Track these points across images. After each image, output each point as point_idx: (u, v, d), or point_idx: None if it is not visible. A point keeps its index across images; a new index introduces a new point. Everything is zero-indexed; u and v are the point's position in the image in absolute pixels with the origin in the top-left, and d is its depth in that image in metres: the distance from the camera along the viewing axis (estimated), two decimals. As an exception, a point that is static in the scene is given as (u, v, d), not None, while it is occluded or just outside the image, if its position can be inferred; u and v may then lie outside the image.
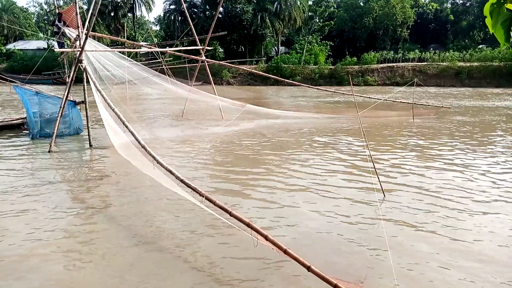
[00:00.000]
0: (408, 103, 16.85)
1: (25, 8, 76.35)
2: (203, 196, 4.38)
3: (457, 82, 41.75)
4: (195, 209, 5.61)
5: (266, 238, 3.67)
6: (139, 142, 6.24)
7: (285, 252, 3.51)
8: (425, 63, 46.67)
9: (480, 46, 56.59)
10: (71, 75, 10.70)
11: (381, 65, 46.64)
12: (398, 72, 44.85)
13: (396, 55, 51.41)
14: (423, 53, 50.76)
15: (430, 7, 65.78)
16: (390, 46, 59.38)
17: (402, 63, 47.18)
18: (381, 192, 6.44)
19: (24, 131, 12.61)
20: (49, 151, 9.84)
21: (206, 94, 15.13)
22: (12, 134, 12.27)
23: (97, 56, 11.43)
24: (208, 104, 15.89)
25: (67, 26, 12.04)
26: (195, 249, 4.73)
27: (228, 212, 4.10)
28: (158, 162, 5.59)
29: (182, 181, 4.90)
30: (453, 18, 63.96)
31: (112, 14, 56.53)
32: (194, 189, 4.64)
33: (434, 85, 41.69)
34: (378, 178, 6.42)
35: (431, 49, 56.62)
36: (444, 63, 44.78)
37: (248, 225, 3.84)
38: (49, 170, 8.45)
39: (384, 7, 56.80)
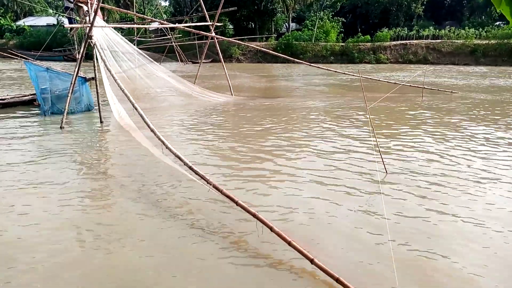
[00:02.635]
0: (417, 87, 16.53)
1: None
2: (210, 184, 4.45)
3: (472, 60, 40.66)
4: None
5: (271, 229, 3.74)
6: (149, 126, 6.30)
7: (289, 244, 3.58)
8: (439, 40, 45.45)
9: (497, 23, 54.85)
10: (81, 52, 10.73)
11: (394, 43, 45.42)
12: (411, 49, 43.74)
13: (410, 32, 50.06)
14: (438, 30, 49.37)
15: (446, -19, 63.64)
16: (404, 23, 57.77)
17: (416, 41, 45.84)
18: (385, 171, 6.41)
19: (36, 107, 12.77)
20: (60, 127, 10.02)
21: (216, 94, 15.36)
22: (24, 111, 12.46)
23: (108, 42, 11.47)
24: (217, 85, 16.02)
25: (77, 1, 11.97)
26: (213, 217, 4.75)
27: (235, 202, 4.16)
28: (167, 147, 5.66)
29: (190, 168, 4.97)
30: (469, -6, 62.02)
31: (121, -11, 55.78)
32: (202, 177, 4.71)
33: (448, 63, 40.80)
34: (385, 167, 6.38)
35: (447, 26, 55.04)
36: (459, 41, 43.48)
37: (254, 215, 3.91)
38: (61, 145, 8.59)
39: (398, -19, 55.08)
